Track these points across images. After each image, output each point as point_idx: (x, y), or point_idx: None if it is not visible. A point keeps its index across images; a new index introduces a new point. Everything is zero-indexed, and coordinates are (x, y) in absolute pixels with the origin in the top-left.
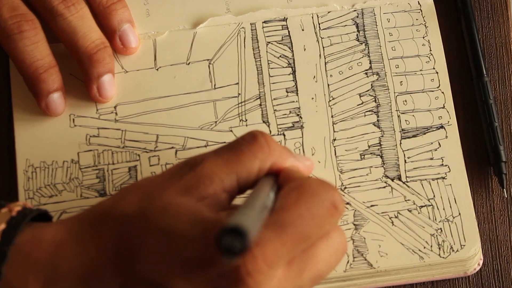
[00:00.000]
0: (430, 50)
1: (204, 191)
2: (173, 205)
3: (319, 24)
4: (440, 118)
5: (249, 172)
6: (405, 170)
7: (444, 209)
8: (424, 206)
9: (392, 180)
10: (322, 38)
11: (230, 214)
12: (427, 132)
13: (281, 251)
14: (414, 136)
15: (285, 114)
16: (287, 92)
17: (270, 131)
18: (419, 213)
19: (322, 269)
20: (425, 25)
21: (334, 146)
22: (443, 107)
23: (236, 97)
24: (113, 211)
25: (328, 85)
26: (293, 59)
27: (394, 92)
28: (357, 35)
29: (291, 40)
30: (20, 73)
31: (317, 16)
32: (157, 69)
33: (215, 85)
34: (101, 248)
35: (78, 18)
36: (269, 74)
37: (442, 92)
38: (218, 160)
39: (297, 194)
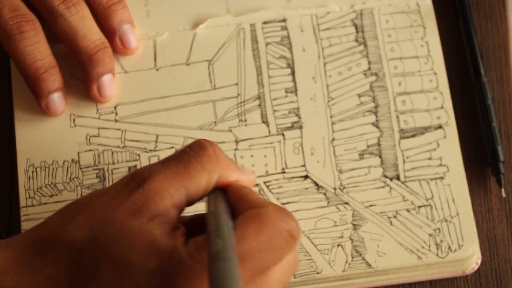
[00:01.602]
0: (429, 51)
1: (154, 209)
2: (124, 231)
3: (318, 25)
4: (438, 118)
5: (198, 185)
6: (403, 170)
7: (442, 209)
8: (422, 206)
9: (391, 180)
10: (321, 39)
11: (183, 234)
12: (425, 132)
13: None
14: (412, 136)
15: (285, 114)
16: (286, 92)
17: (270, 131)
18: (417, 213)
19: None
20: (423, 26)
21: (333, 146)
22: (442, 108)
23: (235, 97)
24: (60, 236)
25: (327, 85)
26: (293, 60)
27: (393, 93)
28: (356, 36)
29: (290, 41)
30: (20, 73)
31: (316, 17)
32: (157, 70)
33: (214, 85)
34: (51, 277)
35: (78, 18)
36: (268, 75)
37: (441, 93)
38: (167, 173)
39: (256, 225)
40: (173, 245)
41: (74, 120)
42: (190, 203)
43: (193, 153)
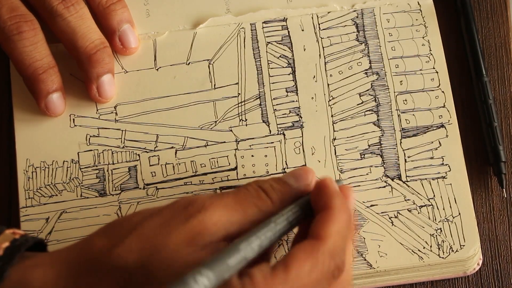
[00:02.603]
0: (430, 50)
1: (209, 238)
2: (178, 260)
3: (319, 24)
4: (440, 117)
5: (251, 224)
6: (405, 170)
7: (444, 209)
8: (424, 206)
9: (392, 179)
10: (322, 38)
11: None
12: (427, 131)
13: None
14: (414, 135)
15: (285, 114)
16: (287, 91)
17: (270, 131)
18: (419, 213)
19: None
20: (424, 25)
21: (334, 146)
22: (444, 106)
23: (236, 97)
24: (110, 259)
25: (328, 84)
26: (293, 59)
27: (394, 92)
28: (357, 35)
29: (291, 40)
30: (19, 73)
31: (317, 16)
32: (157, 69)
33: (215, 85)
34: None
35: (77, 18)
36: (269, 74)
37: (442, 92)
38: (225, 210)
39: (310, 264)
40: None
41: (74, 120)
42: (238, 237)
43: (249, 194)
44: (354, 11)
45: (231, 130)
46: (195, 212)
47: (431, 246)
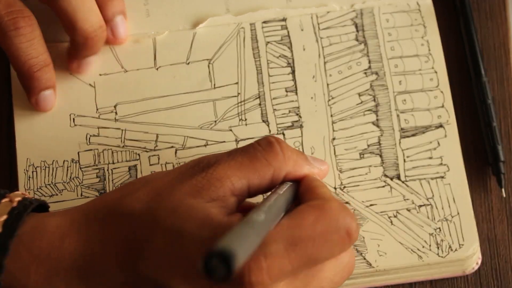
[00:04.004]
0: (429, 50)
1: (214, 193)
2: (182, 206)
3: (318, 24)
4: (439, 117)
5: (261, 179)
6: (404, 169)
7: (443, 208)
8: (423, 205)
9: (391, 179)
10: (321, 38)
11: (240, 219)
12: (426, 131)
13: (287, 268)
14: (413, 135)
15: (285, 114)
16: (286, 91)
17: (270, 130)
18: (418, 212)
19: (325, 287)
20: (424, 25)
21: (334, 145)
22: (442, 106)
23: (235, 96)
24: (120, 207)
25: (328, 84)
26: (293, 59)
27: (393, 92)
28: (356, 35)
29: (290, 40)
30: (14, 69)
31: (317, 16)
32: (157, 69)
33: (214, 84)
34: (106, 244)
35: None
36: (268, 74)
37: (441, 92)
38: (231, 163)
39: (316, 215)
40: (228, 221)
41: (74, 119)
42: (252, 194)
43: (260, 148)
44: (354, 11)
45: (231, 130)
46: (201, 169)
47: (430, 246)
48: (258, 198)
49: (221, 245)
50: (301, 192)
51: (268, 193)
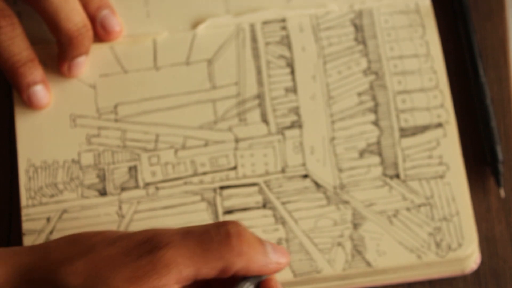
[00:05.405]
0: (428, 50)
1: (157, 281)
2: None
3: (317, 25)
4: (438, 116)
5: (210, 270)
6: (403, 169)
7: (442, 208)
8: (422, 205)
9: (391, 178)
10: (320, 38)
11: None
12: (425, 131)
13: None
14: (412, 134)
15: (284, 114)
16: (286, 91)
17: (270, 130)
18: (417, 212)
19: None
20: (422, 26)
21: (333, 145)
22: (442, 106)
23: (235, 96)
24: (56, 276)
25: (327, 84)
26: (292, 59)
27: (393, 91)
28: (355, 35)
29: (290, 40)
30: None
31: (316, 17)
32: (157, 69)
33: (214, 85)
34: None
35: None
36: (268, 74)
37: (441, 91)
38: (183, 251)
39: None
40: None
41: (74, 120)
42: (198, 281)
43: (216, 238)
44: (353, 11)
45: (230, 130)
46: (149, 250)
47: (429, 245)
48: None
49: None
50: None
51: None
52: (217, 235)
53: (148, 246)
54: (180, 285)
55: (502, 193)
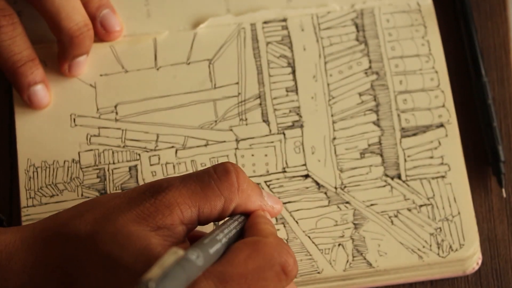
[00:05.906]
0: (430, 50)
1: (161, 221)
2: (123, 233)
3: (318, 24)
4: (440, 116)
5: (211, 209)
6: (405, 169)
7: (443, 208)
8: (423, 205)
9: (392, 179)
10: (321, 38)
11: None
12: (427, 131)
13: None
14: (414, 134)
15: (285, 113)
16: (287, 91)
17: (270, 130)
18: (418, 212)
19: None
20: (424, 25)
21: (334, 145)
22: (443, 106)
23: (236, 96)
24: (67, 228)
25: (328, 84)
26: (293, 59)
27: (394, 91)
28: (356, 35)
29: (291, 40)
30: (0, 68)
31: (317, 16)
32: (158, 69)
33: (215, 84)
34: (49, 267)
35: None
36: (269, 74)
37: (442, 91)
38: (183, 190)
39: (249, 251)
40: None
41: (74, 119)
42: (202, 223)
43: (215, 176)
44: (354, 11)
45: (231, 130)
46: (151, 195)
47: (430, 245)
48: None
49: (148, 278)
50: (246, 228)
51: (221, 222)
52: (216, 172)
53: (150, 191)
54: (186, 227)
55: (504, 193)
